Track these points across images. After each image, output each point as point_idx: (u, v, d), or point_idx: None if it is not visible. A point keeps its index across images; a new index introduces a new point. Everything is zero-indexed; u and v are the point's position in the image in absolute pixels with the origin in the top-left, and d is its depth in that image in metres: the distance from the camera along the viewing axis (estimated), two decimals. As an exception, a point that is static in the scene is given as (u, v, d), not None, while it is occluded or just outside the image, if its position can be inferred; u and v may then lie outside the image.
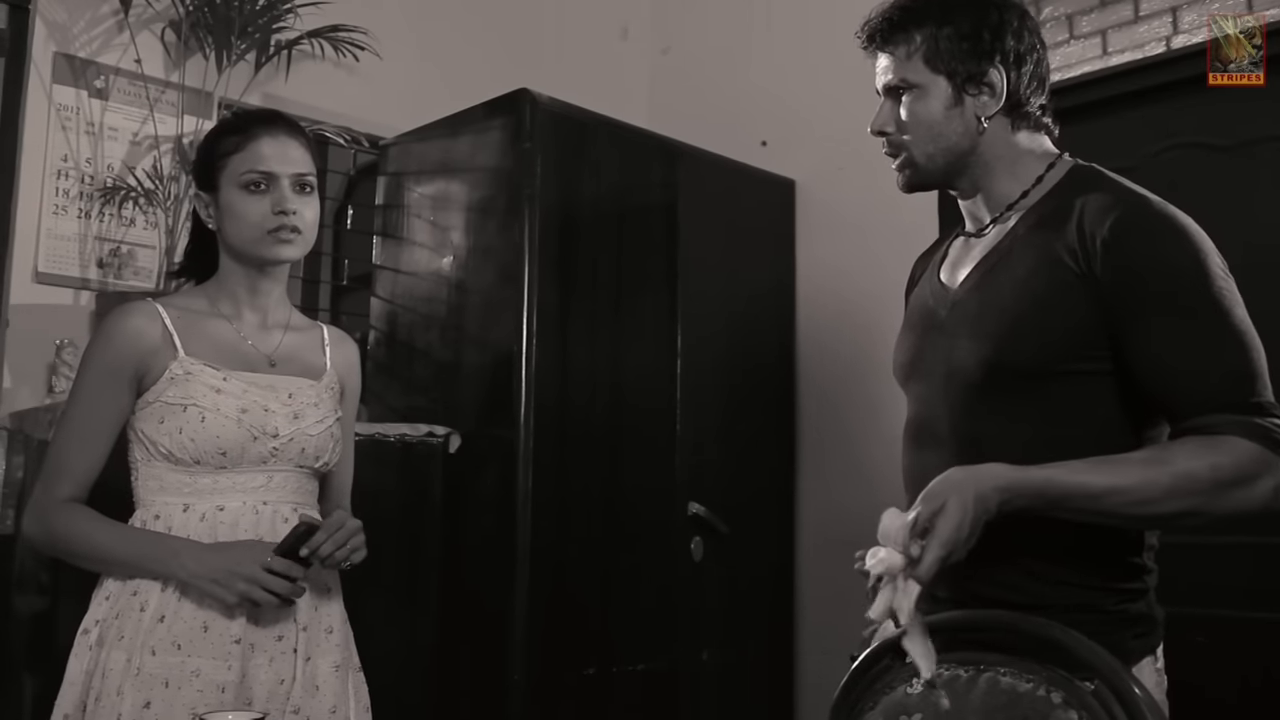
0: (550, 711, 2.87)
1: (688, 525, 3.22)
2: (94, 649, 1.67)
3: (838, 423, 3.55)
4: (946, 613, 1.63)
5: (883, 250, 3.51)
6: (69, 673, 1.68)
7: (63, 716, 1.66)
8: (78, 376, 1.76)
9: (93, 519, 1.70)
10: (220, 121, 1.98)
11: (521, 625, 2.82)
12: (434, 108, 3.30)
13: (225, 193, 1.78)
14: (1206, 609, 2.77)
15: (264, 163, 1.76)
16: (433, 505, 2.96)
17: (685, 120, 3.76)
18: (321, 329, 1.96)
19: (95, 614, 1.70)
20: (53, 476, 1.72)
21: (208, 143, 1.84)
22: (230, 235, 1.79)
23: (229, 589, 1.62)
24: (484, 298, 3.05)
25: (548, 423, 2.92)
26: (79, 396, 1.73)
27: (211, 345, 1.76)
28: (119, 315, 1.75)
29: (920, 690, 1.57)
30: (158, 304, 1.77)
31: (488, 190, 3.10)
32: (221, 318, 1.81)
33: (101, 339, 1.75)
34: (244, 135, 1.79)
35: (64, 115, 2.96)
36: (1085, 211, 1.57)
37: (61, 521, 1.69)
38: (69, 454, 1.71)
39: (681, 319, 3.28)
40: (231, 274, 1.82)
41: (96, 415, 1.72)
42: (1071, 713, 1.44)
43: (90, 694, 1.63)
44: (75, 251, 2.94)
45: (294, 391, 1.80)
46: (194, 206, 1.86)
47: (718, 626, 3.30)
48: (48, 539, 1.72)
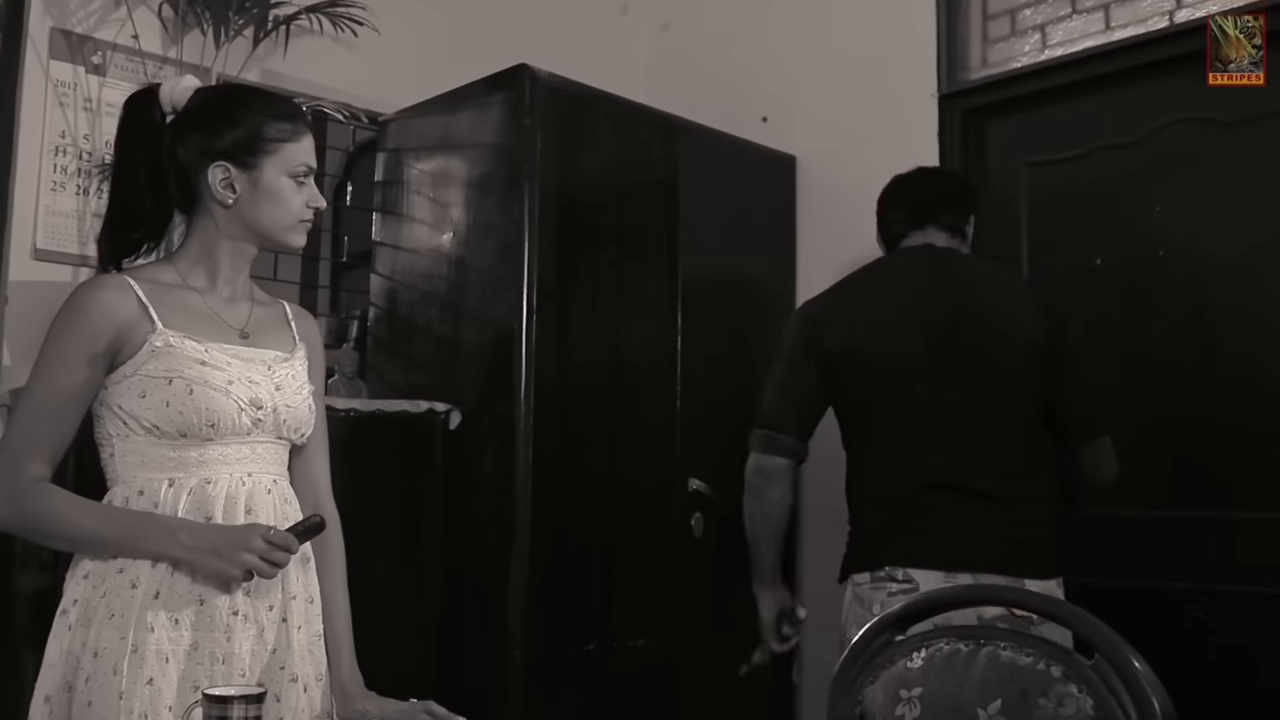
0: (550, 687, 2.88)
1: (688, 501, 3.23)
2: (74, 629, 1.65)
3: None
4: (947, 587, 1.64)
5: (883, 226, 3.50)
6: (48, 654, 1.66)
7: (44, 699, 1.64)
8: (45, 350, 1.70)
9: (70, 500, 1.66)
10: (246, 92, 1.87)
11: (521, 601, 2.83)
12: (433, 83, 3.28)
13: (269, 176, 1.75)
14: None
15: (311, 157, 1.79)
16: (433, 482, 2.96)
17: (685, 96, 3.74)
18: (282, 304, 1.94)
19: (73, 594, 1.67)
20: (21, 454, 1.65)
21: (252, 116, 1.76)
22: (261, 217, 1.76)
23: (231, 561, 1.62)
24: (484, 274, 3.05)
25: (548, 399, 2.92)
26: (47, 371, 1.68)
27: (186, 317, 1.73)
28: (90, 289, 1.71)
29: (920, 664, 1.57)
30: (127, 276, 1.73)
31: (487, 166, 3.09)
32: (192, 290, 1.77)
33: (73, 312, 1.69)
34: (295, 125, 1.78)
35: (61, 91, 2.95)
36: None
37: (36, 502, 1.65)
38: (38, 431, 1.67)
39: (682, 295, 3.28)
40: (218, 249, 1.79)
41: (67, 391, 1.67)
42: (1071, 686, 1.45)
43: (79, 675, 1.62)
44: (74, 228, 2.94)
45: (271, 363, 1.79)
46: (127, 172, 1.78)
47: (718, 602, 3.30)
48: (19, 520, 1.67)
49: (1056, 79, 3.21)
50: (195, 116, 1.77)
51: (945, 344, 2.41)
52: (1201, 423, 2.89)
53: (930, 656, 1.59)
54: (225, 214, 1.77)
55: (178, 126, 1.77)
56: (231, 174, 1.75)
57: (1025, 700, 1.47)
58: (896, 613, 1.68)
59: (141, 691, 1.59)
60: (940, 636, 1.61)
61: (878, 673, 1.64)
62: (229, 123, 1.75)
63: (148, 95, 1.80)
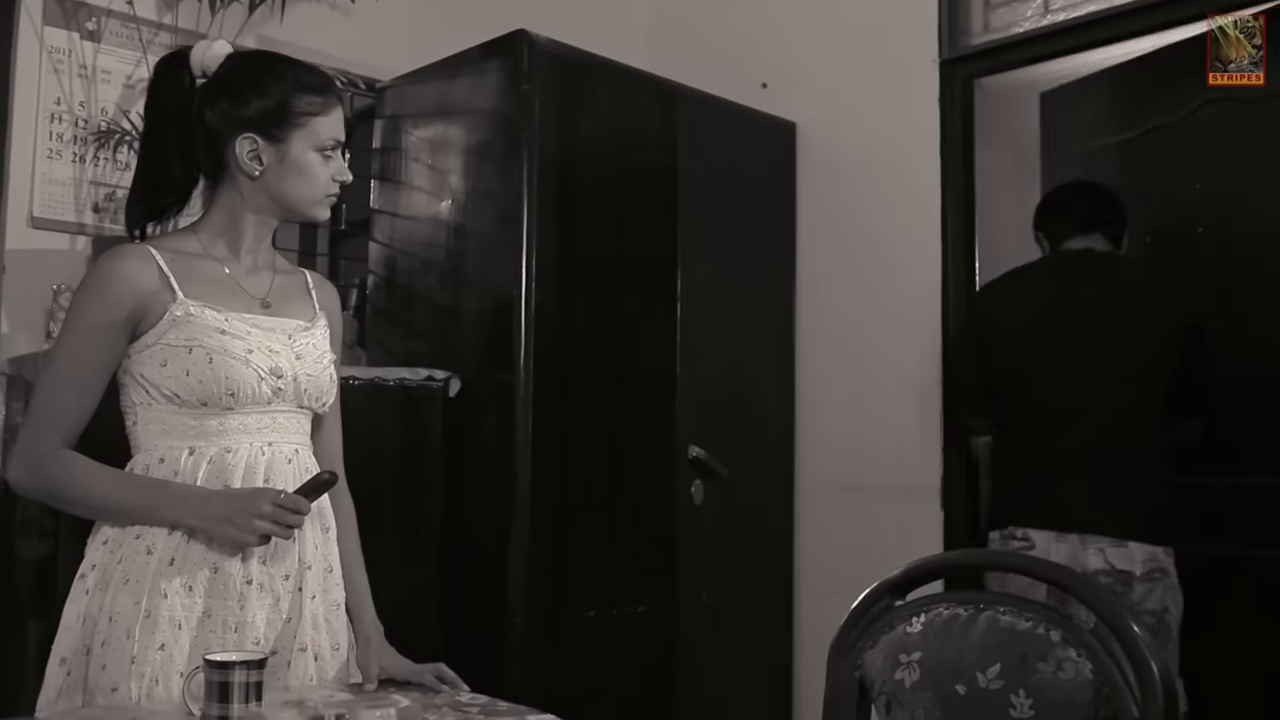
0: (551, 654, 2.89)
1: (688, 468, 3.23)
2: (91, 593, 1.67)
3: (837, 366, 3.55)
4: (949, 552, 1.64)
5: (883, 193, 3.49)
6: (65, 618, 1.68)
7: (60, 660, 1.66)
8: (68, 321, 1.72)
9: (90, 466, 1.68)
10: (277, 61, 1.82)
11: (522, 568, 2.83)
12: (431, 49, 3.26)
13: (296, 149, 1.74)
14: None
15: (339, 130, 1.78)
16: (433, 449, 2.96)
17: (685, 62, 3.72)
18: (304, 273, 1.95)
19: (92, 559, 1.70)
20: (43, 423, 1.68)
21: (281, 87, 1.75)
22: (287, 190, 1.76)
23: (244, 528, 1.62)
24: (483, 241, 3.04)
25: (547, 366, 2.92)
26: (71, 341, 1.69)
27: (208, 287, 1.74)
28: (113, 258, 1.72)
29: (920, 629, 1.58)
30: (149, 246, 1.74)
31: (486, 133, 3.07)
32: (214, 260, 1.78)
33: (95, 282, 1.70)
34: (325, 98, 1.77)
35: (56, 58, 2.93)
36: None
37: (57, 470, 1.67)
38: (62, 400, 1.68)
39: (681, 261, 3.27)
40: (242, 219, 1.79)
41: (90, 361, 1.69)
42: (1070, 650, 1.45)
43: (96, 638, 1.64)
44: (70, 196, 2.92)
45: (292, 332, 1.79)
46: (158, 143, 1.77)
47: (718, 569, 3.32)
48: (41, 487, 1.69)
49: (1059, 44, 3.19)
50: (225, 83, 1.76)
51: (1078, 329, 2.72)
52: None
53: (930, 621, 1.60)
54: (251, 185, 1.76)
55: (207, 91, 1.76)
56: (259, 145, 1.74)
57: (1024, 664, 1.48)
58: (896, 577, 1.68)
59: (153, 657, 1.61)
60: (940, 601, 1.62)
61: (877, 637, 1.64)
62: (258, 92, 1.74)
63: (178, 59, 1.80)
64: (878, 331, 3.46)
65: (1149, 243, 3.11)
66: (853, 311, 3.52)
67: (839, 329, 3.55)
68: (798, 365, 3.65)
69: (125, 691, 1.60)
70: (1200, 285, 2.77)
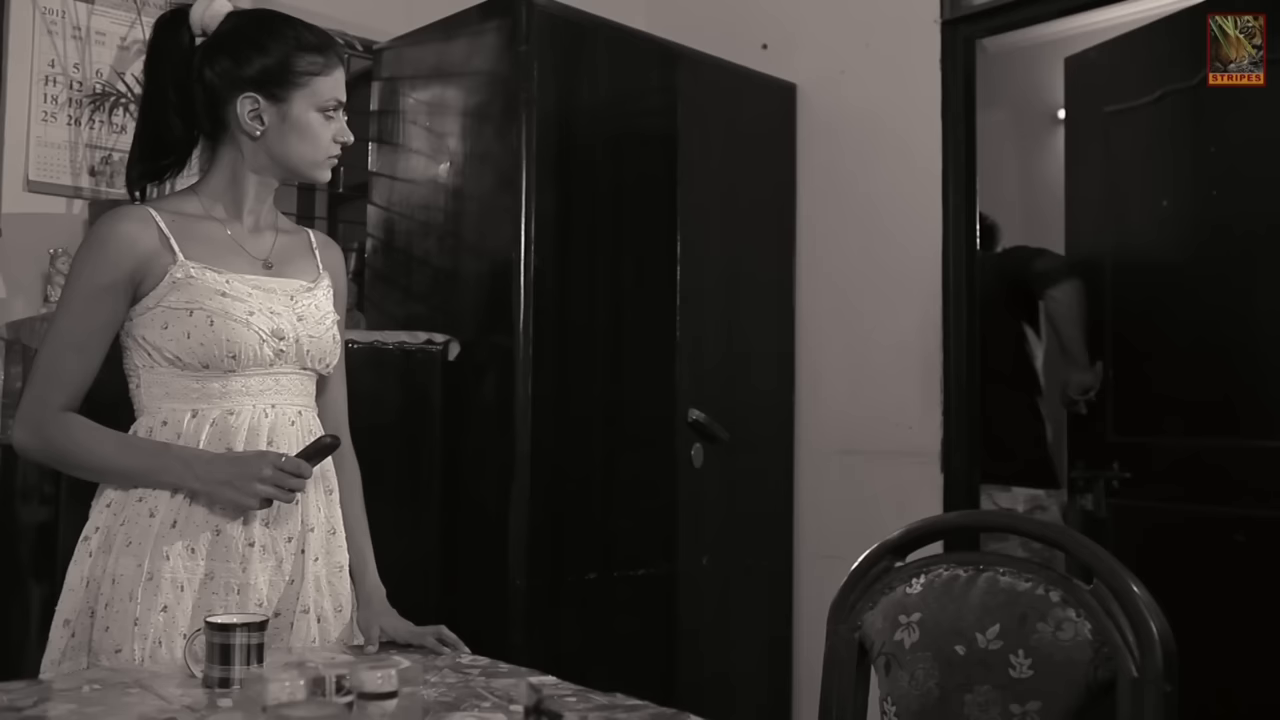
0: (551, 616, 2.90)
1: (688, 432, 3.23)
2: (94, 555, 1.68)
3: (837, 329, 3.54)
4: (948, 513, 1.64)
5: (883, 155, 3.47)
6: (69, 580, 1.69)
7: (64, 622, 1.67)
8: (69, 283, 1.71)
9: (92, 429, 1.68)
10: (278, 20, 1.80)
11: (522, 531, 2.84)
12: (428, 10, 3.23)
13: (298, 109, 1.73)
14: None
15: (341, 90, 1.77)
16: (432, 413, 2.96)
17: (685, 23, 3.69)
18: (308, 232, 1.94)
19: (96, 521, 1.70)
20: (46, 386, 1.68)
21: (282, 46, 1.73)
22: (288, 151, 1.75)
23: (245, 491, 1.62)
24: (482, 204, 3.02)
25: (547, 329, 2.91)
26: (72, 304, 1.69)
27: (208, 249, 1.73)
28: (113, 219, 1.71)
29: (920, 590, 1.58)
30: (149, 208, 1.73)
31: (484, 95, 3.05)
32: (215, 221, 1.77)
33: (95, 244, 1.70)
34: (326, 57, 1.75)
35: (49, 19, 2.90)
36: None
37: (60, 432, 1.67)
38: (64, 363, 1.68)
39: (681, 224, 3.26)
40: (243, 180, 1.78)
41: (92, 323, 1.68)
42: (1070, 611, 1.45)
43: (99, 600, 1.65)
44: (66, 159, 2.91)
45: (294, 294, 1.78)
46: (159, 101, 1.76)
47: (718, 532, 3.33)
48: (44, 450, 1.69)
49: (1061, 4, 3.17)
50: (226, 42, 1.74)
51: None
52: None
53: (929, 582, 1.61)
54: (252, 145, 1.75)
55: (208, 50, 1.75)
56: (260, 105, 1.73)
57: (1024, 625, 1.49)
58: (896, 539, 1.68)
59: (155, 619, 1.62)
60: (939, 562, 1.62)
61: (877, 598, 1.65)
62: (259, 51, 1.73)
63: (177, 17, 1.78)
64: (878, 294, 3.45)
65: (1165, 206, 3.08)
66: (853, 274, 3.51)
67: (839, 291, 3.55)
68: (798, 327, 3.64)
69: (128, 653, 1.61)
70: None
